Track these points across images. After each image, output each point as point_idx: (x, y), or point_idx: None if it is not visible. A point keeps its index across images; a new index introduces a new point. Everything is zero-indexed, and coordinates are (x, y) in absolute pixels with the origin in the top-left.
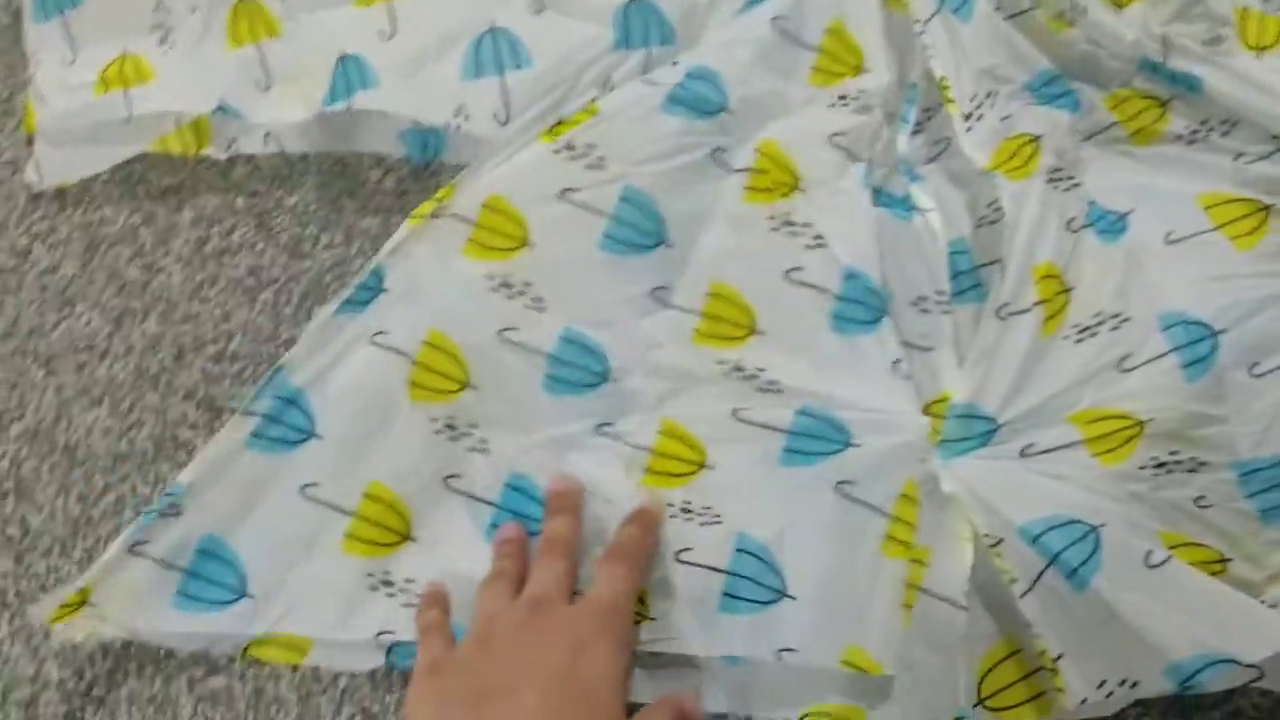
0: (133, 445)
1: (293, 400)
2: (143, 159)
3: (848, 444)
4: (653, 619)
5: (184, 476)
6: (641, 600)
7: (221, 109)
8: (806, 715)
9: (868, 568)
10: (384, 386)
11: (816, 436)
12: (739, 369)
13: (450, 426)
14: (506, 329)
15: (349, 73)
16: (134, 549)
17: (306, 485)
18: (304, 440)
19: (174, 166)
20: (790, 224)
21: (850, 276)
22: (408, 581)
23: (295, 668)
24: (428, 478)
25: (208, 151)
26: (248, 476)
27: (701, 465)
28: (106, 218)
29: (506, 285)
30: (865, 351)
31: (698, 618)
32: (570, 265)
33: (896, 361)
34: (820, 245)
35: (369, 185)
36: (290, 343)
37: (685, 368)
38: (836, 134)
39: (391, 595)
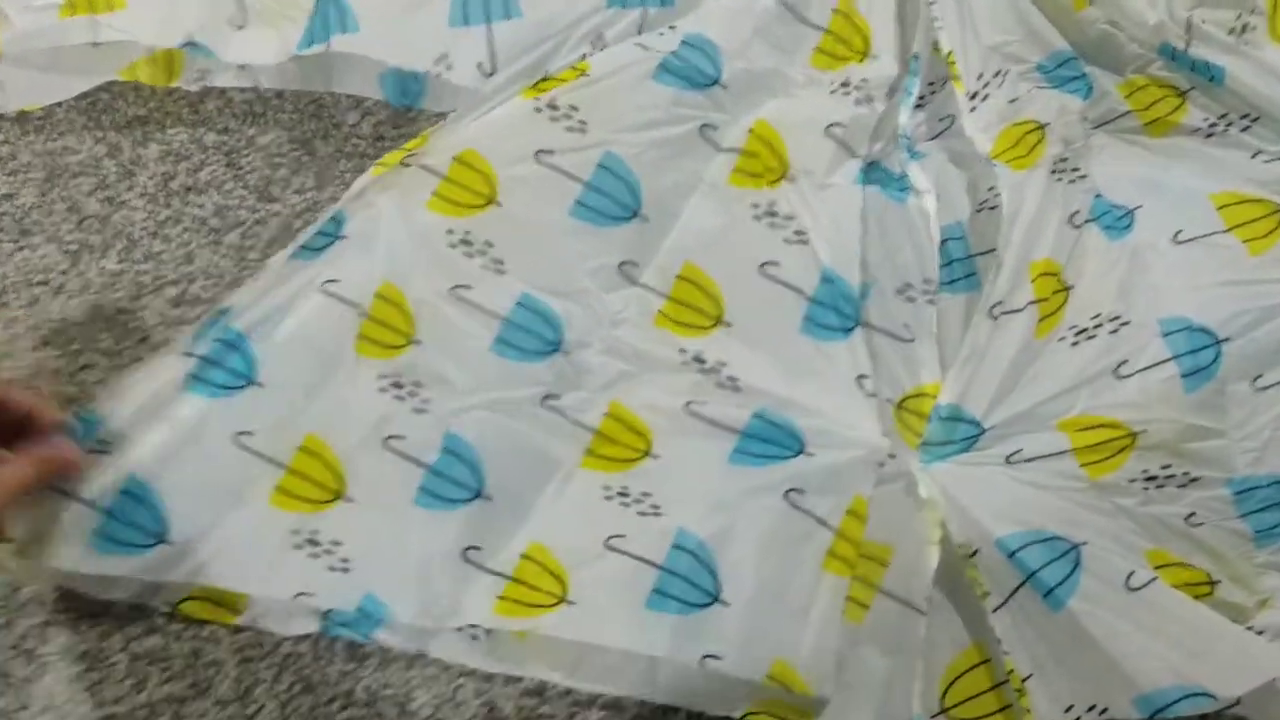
0: (82, 388)
1: (234, 345)
2: (110, 87)
3: (800, 451)
4: (572, 603)
5: (111, 410)
6: (561, 582)
7: (192, 44)
8: (750, 713)
9: (807, 582)
10: (331, 337)
11: (769, 440)
12: (699, 360)
13: (396, 385)
14: (459, 286)
15: (328, 14)
16: (54, 484)
17: (241, 433)
18: (243, 387)
19: (142, 96)
20: (773, 214)
21: (827, 280)
22: (334, 544)
23: (236, 630)
24: (367, 435)
25: (178, 83)
26: (180, 420)
27: (646, 453)
28: (69, 147)
29: (466, 243)
30: (833, 360)
31: (623, 610)
32: (537, 229)
33: (862, 376)
34: (801, 241)
35: (345, 128)
36: None
37: (643, 350)
38: (834, 124)
39: (315, 556)
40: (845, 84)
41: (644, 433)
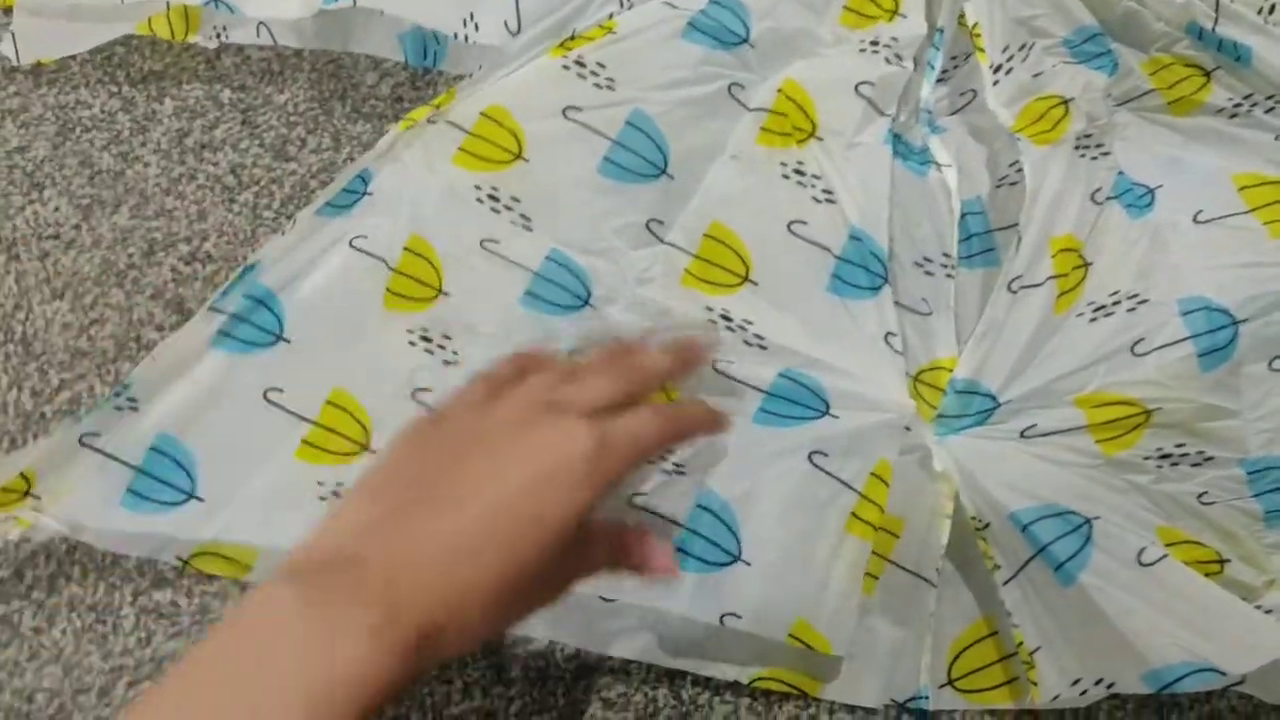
0: (93, 342)
1: (263, 301)
2: (126, 41)
3: (825, 413)
4: None
5: (141, 371)
6: None
7: (215, 1)
8: (760, 678)
9: (829, 543)
10: (359, 293)
11: (795, 401)
12: (726, 318)
13: (425, 338)
14: (489, 240)
15: None
16: (84, 440)
17: (270, 390)
18: (272, 343)
19: (158, 51)
20: (800, 173)
21: (855, 238)
22: None
23: (244, 587)
24: (396, 389)
25: (195, 39)
26: (210, 376)
27: None
28: (83, 100)
29: (494, 198)
30: (860, 318)
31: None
32: (564, 186)
33: (890, 334)
34: (829, 200)
35: (363, 89)
36: None
37: (669, 307)
38: (863, 83)
39: None
40: (875, 42)
41: (669, 390)
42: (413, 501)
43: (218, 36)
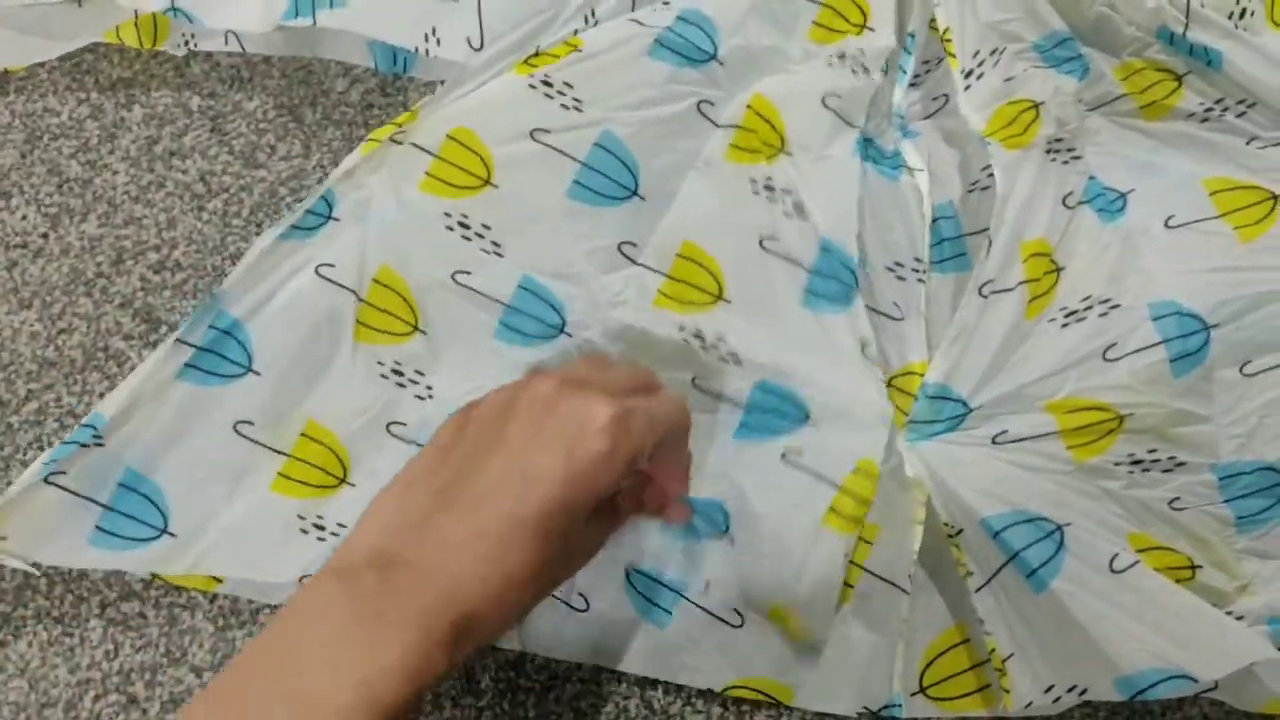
0: (60, 352)
1: (229, 332)
2: (94, 48)
3: (805, 421)
4: None
5: (107, 407)
6: None
7: (175, 10)
8: (732, 687)
9: (806, 537)
10: (329, 323)
11: (773, 411)
12: (699, 336)
13: (397, 371)
14: (460, 272)
15: None
16: (50, 479)
17: (239, 423)
18: (240, 375)
19: (126, 58)
20: (770, 189)
21: (825, 249)
22: (340, 526)
23: (213, 598)
24: (370, 421)
25: (164, 47)
26: (177, 409)
27: None
28: (51, 108)
29: (464, 225)
30: (834, 330)
31: (618, 568)
32: (534, 211)
33: (865, 344)
34: (799, 214)
35: (333, 95)
36: (237, 256)
37: (644, 329)
38: (830, 94)
39: (322, 539)
40: (841, 55)
41: None
42: (444, 499)
43: (186, 44)
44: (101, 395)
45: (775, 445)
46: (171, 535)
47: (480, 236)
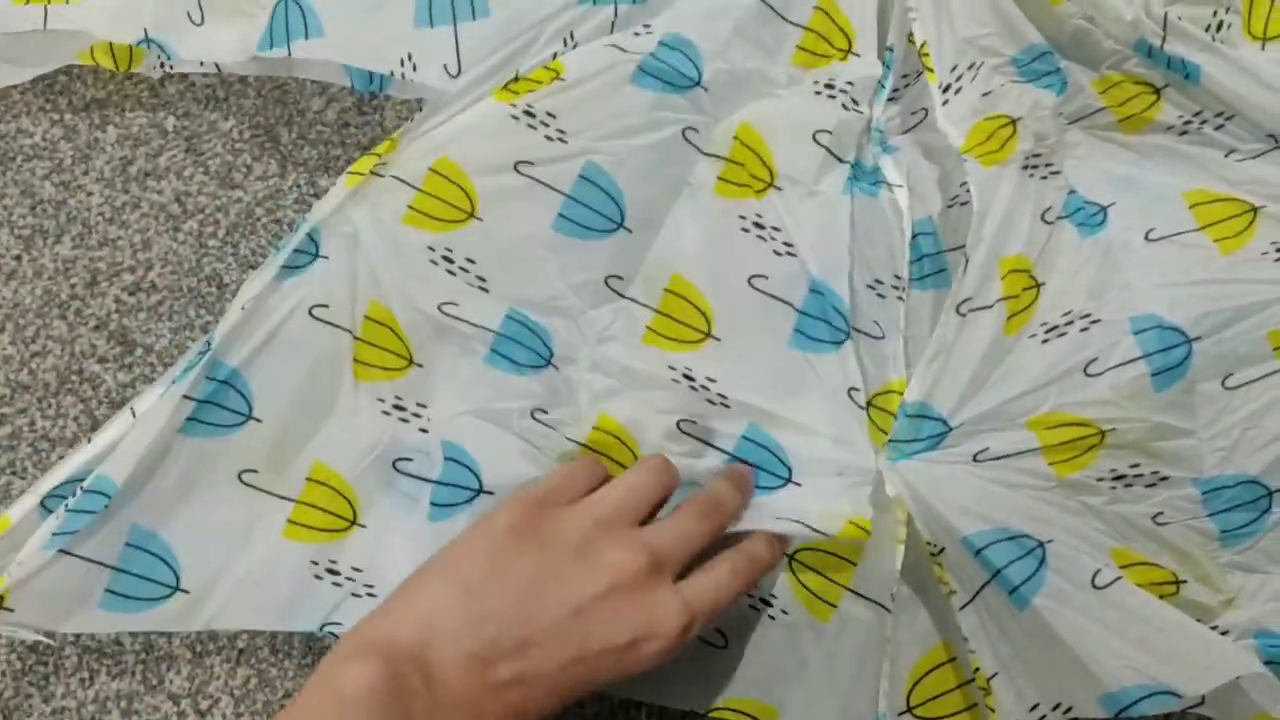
0: (34, 376)
1: (228, 382)
2: (68, 69)
3: (788, 480)
4: None
5: (115, 470)
6: None
7: (149, 41)
8: (719, 709)
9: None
10: (327, 364)
11: (757, 466)
12: (688, 376)
13: (399, 406)
14: (447, 303)
15: (289, 16)
16: (64, 551)
17: (244, 472)
18: (241, 423)
19: (100, 79)
20: (760, 225)
21: (816, 291)
22: (355, 570)
23: None
24: (375, 460)
25: (139, 69)
26: (181, 465)
27: None
28: (24, 129)
29: (448, 259)
30: (822, 371)
31: None
32: (519, 244)
33: (853, 389)
34: (789, 253)
35: (309, 114)
36: (213, 277)
37: (631, 367)
38: (820, 131)
39: (338, 585)
40: (830, 85)
41: (633, 448)
42: (495, 629)
43: (162, 66)
44: (76, 419)
45: (759, 502)
46: (185, 592)
47: (465, 270)
